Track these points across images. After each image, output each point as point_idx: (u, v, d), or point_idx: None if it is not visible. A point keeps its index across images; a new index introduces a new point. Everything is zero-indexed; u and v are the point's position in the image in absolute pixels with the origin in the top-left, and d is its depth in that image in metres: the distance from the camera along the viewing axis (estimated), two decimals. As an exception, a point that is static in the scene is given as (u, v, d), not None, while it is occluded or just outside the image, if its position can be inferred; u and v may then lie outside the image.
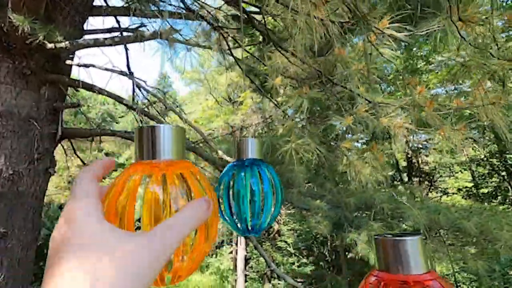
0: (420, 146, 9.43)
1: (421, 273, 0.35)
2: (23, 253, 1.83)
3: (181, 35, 2.30)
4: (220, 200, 0.60)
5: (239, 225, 0.60)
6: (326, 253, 10.25)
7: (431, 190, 9.74)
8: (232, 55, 2.47)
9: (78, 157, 3.77)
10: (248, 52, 2.08)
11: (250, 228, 0.60)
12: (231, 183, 0.59)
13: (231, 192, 0.59)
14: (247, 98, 7.63)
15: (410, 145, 8.57)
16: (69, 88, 2.26)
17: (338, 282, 5.35)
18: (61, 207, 12.05)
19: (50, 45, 1.94)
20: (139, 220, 0.37)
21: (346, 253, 8.27)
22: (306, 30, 0.86)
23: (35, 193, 1.93)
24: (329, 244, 10.16)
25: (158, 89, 2.73)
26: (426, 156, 10.08)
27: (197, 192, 0.36)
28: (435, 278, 0.36)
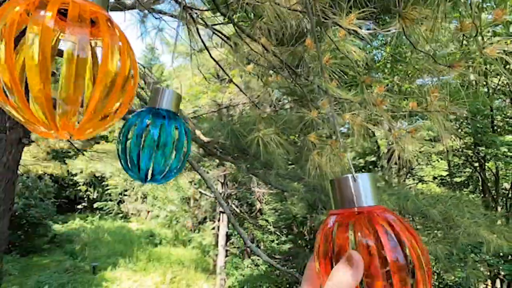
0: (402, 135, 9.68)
1: (373, 205, 0.38)
2: (-5, 222, 1.82)
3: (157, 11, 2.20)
4: (127, 146, 0.61)
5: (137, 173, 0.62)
6: (305, 232, 10.66)
7: (408, 177, 10.14)
8: (215, 32, 2.40)
9: (57, 127, 3.68)
10: (216, 33, 2.03)
11: (150, 177, 0.62)
12: (137, 130, 0.59)
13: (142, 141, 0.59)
14: (236, 77, 7.50)
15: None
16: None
17: (309, 256, 5.65)
18: (40, 177, 11.82)
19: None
20: None
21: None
22: (274, 18, 0.84)
23: (7, 163, 1.88)
24: (308, 224, 10.56)
25: (140, 63, 2.64)
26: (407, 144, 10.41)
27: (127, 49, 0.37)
28: (386, 209, 0.38)
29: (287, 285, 9.41)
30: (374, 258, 0.35)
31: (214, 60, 2.83)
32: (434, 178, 10.29)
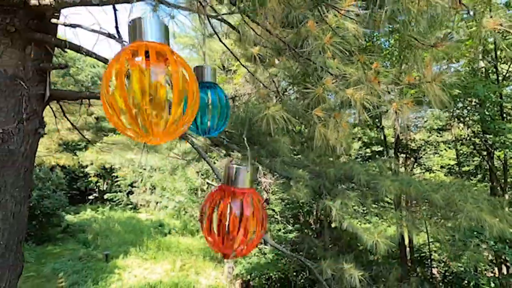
0: (409, 123, 9.60)
1: (246, 187, 0.66)
2: (17, 208, 1.93)
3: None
4: None
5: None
6: (312, 221, 10.78)
7: (415, 166, 10.09)
8: (224, 21, 2.43)
9: (68, 119, 3.78)
10: (224, 21, 2.06)
11: (206, 131, 0.88)
12: None
13: None
14: (241, 67, 7.50)
15: (400, 121, 8.71)
16: (56, 48, 2.22)
17: (315, 245, 5.76)
18: (51, 169, 12.13)
19: (33, 1, 1.89)
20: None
21: (329, 222, 8.73)
22: (277, 5, 0.88)
23: (25, 152, 1.98)
24: (314, 213, 10.65)
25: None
26: (415, 134, 10.32)
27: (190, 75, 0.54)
28: (253, 192, 0.66)
29: (294, 273, 9.59)
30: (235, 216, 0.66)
31: (225, 45, 2.85)
32: (442, 167, 10.21)
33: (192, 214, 16.51)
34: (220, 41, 2.14)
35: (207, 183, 12.96)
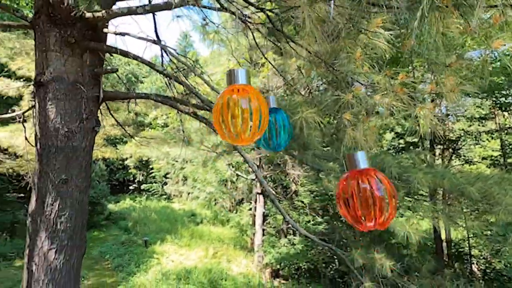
0: (448, 113, 9.09)
1: (367, 167, 0.82)
2: (80, 196, 2.23)
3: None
4: None
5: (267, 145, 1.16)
6: (341, 213, 10.71)
7: (453, 158, 9.56)
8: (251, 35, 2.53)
9: (113, 116, 4.14)
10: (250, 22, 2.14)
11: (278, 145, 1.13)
12: None
13: None
14: (270, 60, 7.54)
15: (436, 111, 8.29)
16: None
17: (346, 236, 5.76)
18: (94, 161, 13.12)
19: (89, 15, 2.13)
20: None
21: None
22: (315, 25, 0.98)
23: (86, 147, 2.26)
24: (344, 205, 10.55)
25: (184, 56, 2.88)
26: (453, 123, 9.74)
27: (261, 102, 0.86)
28: (374, 169, 0.79)
29: (323, 264, 9.66)
30: (368, 195, 0.77)
31: (256, 43, 2.97)
32: (484, 158, 9.58)
33: (223, 204, 17.07)
34: (267, 36, 2.25)
35: (237, 174, 13.30)
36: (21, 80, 4.82)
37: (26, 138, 4.14)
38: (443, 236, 9.53)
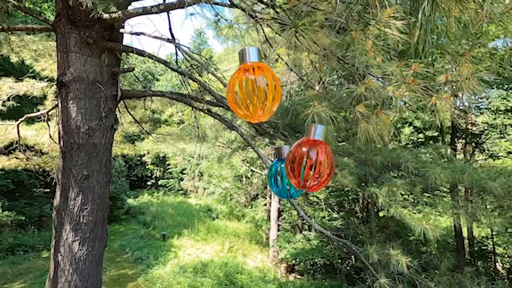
0: (470, 105, 8.71)
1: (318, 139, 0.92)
2: (101, 190, 2.33)
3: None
4: (272, 179, 1.16)
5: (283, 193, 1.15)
6: (358, 209, 10.56)
7: (475, 152, 9.17)
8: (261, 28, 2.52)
9: (130, 114, 4.26)
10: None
11: (289, 195, 1.14)
12: (278, 169, 1.12)
13: (278, 175, 1.13)
14: (283, 55, 7.47)
15: (458, 104, 7.96)
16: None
17: (361, 232, 5.69)
18: (114, 158, 13.57)
19: (106, 16, 2.19)
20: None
21: (377, 210, 8.48)
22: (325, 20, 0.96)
23: (105, 144, 2.35)
24: (360, 201, 10.41)
25: (198, 54, 2.91)
26: (476, 116, 9.33)
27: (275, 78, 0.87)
28: (324, 143, 0.90)
29: (339, 260, 9.59)
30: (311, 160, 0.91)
31: (266, 39, 2.97)
32: (509, 153, 9.15)
33: (238, 200, 17.23)
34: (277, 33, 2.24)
35: (251, 170, 13.36)
36: (45, 80, 5.05)
37: (50, 136, 4.34)
38: (465, 234, 9.22)
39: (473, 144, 9.44)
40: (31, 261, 8.81)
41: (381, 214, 9.27)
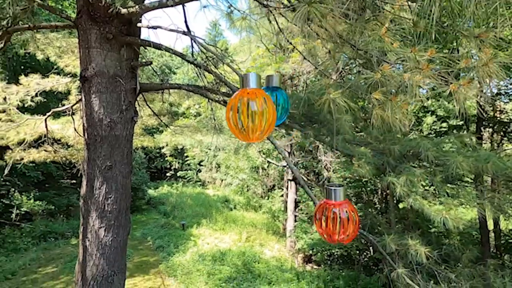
0: (499, 92, 8.24)
1: (341, 201, 1.12)
2: (124, 180, 2.43)
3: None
4: None
5: None
6: (376, 200, 10.38)
7: (503, 141, 8.71)
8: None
9: (149, 107, 4.37)
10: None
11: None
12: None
13: None
14: (298, 45, 7.35)
15: (485, 91, 7.55)
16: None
17: (379, 222, 5.60)
18: (134, 150, 14.02)
19: (124, 10, 2.25)
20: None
21: (396, 202, 8.30)
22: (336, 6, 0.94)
23: (126, 136, 2.45)
24: (379, 192, 10.21)
25: (214, 46, 2.93)
26: (504, 103, 8.82)
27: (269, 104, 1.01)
28: (347, 203, 1.10)
29: (357, 251, 9.53)
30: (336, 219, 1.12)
31: (279, 28, 2.94)
32: (541, 142, 8.59)
33: (255, 191, 17.39)
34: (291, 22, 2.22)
35: (268, 161, 13.40)
36: (68, 76, 5.26)
37: (75, 129, 4.55)
38: (490, 226, 8.87)
39: (501, 132, 8.97)
40: (61, 247, 9.38)
41: (400, 205, 9.07)
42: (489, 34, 1.10)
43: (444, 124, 12.40)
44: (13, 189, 10.09)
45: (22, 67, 9.82)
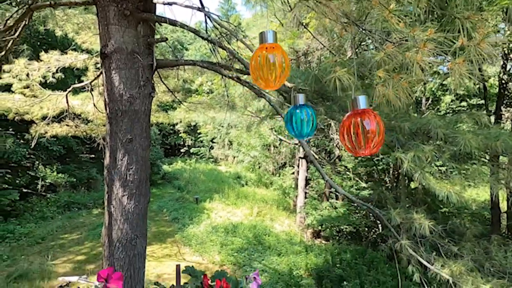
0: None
1: (367, 107, 1.08)
2: (143, 153, 2.59)
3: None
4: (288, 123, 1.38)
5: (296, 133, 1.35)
6: (387, 180, 10.41)
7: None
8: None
9: (164, 83, 4.47)
10: None
11: (302, 135, 1.32)
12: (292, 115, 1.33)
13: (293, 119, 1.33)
14: (313, 19, 7.14)
15: (508, 68, 7.19)
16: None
17: (385, 196, 5.68)
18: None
19: (140, -14, 2.28)
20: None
21: (407, 180, 8.31)
22: None
23: (145, 111, 2.57)
24: (391, 171, 10.21)
25: (227, 21, 2.94)
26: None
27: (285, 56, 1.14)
28: (371, 110, 1.06)
29: (366, 228, 9.74)
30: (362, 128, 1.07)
31: (289, 5, 2.92)
32: None
33: (266, 168, 17.67)
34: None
35: (280, 139, 13.48)
36: (85, 52, 5.38)
37: (94, 105, 4.74)
38: (504, 208, 8.80)
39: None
40: (84, 217, 10.03)
41: (412, 185, 9.08)
42: (478, 17, 1.11)
43: (464, 103, 11.98)
44: (37, 162, 10.68)
45: (39, 44, 10.02)
